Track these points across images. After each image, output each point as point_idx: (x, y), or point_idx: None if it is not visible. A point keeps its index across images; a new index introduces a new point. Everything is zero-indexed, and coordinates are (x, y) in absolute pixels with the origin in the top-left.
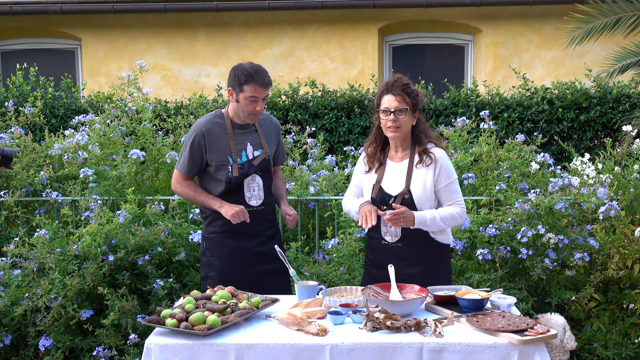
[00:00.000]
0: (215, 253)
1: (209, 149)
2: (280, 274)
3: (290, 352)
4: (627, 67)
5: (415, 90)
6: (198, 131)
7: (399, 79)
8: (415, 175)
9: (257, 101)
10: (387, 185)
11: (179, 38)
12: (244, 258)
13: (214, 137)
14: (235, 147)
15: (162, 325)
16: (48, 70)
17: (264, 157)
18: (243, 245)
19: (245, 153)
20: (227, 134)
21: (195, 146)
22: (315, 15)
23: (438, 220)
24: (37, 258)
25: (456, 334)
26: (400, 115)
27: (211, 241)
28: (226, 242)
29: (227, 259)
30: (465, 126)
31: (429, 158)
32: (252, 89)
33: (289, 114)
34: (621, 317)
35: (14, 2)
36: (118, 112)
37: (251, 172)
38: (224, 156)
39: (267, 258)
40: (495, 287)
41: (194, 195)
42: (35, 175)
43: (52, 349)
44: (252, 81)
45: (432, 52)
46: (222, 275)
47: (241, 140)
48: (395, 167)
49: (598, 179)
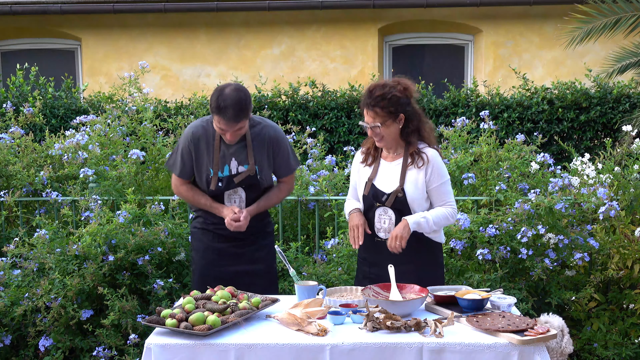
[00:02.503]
0: (194, 247)
1: (195, 155)
2: (262, 276)
3: (290, 352)
4: (627, 67)
5: (394, 95)
6: (189, 136)
7: (373, 89)
8: (408, 174)
9: (225, 133)
10: (380, 182)
11: (179, 38)
12: (218, 257)
13: (200, 144)
14: (218, 160)
15: (162, 326)
16: (48, 71)
17: (249, 174)
18: (219, 245)
19: (228, 167)
20: (213, 144)
21: (186, 152)
22: (315, 15)
23: (431, 223)
24: (37, 258)
25: (456, 334)
26: (376, 130)
27: (193, 235)
28: (203, 238)
29: (203, 254)
30: (465, 126)
31: (421, 159)
32: (218, 120)
33: (289, 114)
34: (621, 317)
35: (14, 2)
36: (119, 112)
37: (230, 188)
38: (207, 166)
39: (247, 259)
40: (495, 287)
41: (192, 197)
42: (35, 175)
43: (52, 349)
44: (218, 114)
45: (432, 52)
46: (198, 269)
47: (227, 152)
48: (388, 166)
49: (598, 179)
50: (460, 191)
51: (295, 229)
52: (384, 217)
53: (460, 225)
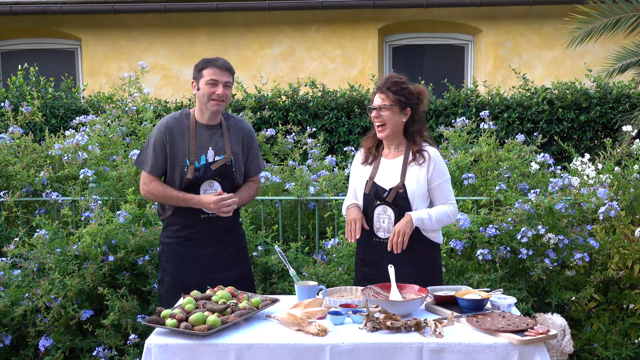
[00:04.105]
0: (170, 258)
1: (169, 146)
2: (242, 281)
3: (290, 352)
4: (627, 67)
5: (408, 87)
6: (162, 128)
7: (390, 77)
8: (409, 171)
9: (217, 84)
10: (381, 180)
11: (179, 38)
12: (197, 265)
13: (175, 135)
14: (194, 149)
15: (162, 326)
16: (48, 71)
17: (225, 162)
18: (198, 252)
19: (205, 157)
20: (188, 134)
21: (159, 144)
22: (315, 15)
23: (434, 220)
24: (37, 258)
25: (456, 334)
26: (383, 112)
27: (166, 246)
28: (179, 249)
29: (180, 265)
30: (465, 126)
31: (422, 157)
32: (211, 72)
33: (289, 114)
34: (621, 317)
35: (14, 2)
36: (119, 112)
37: (207, 177)
38: (182, 157)
39: (227, 264)
40: (495, 287)
41: (164, 192)
42: (35, 176)
43: (52, 349)
44: (210, 65)
45: (432, 52)
46: (176, 281)
47: (203, 143)
48: (389, 163)
49: (598, 179)
50: (460, 191)
51: (295, 229)
52: (383, 216)
53: (460, 225)
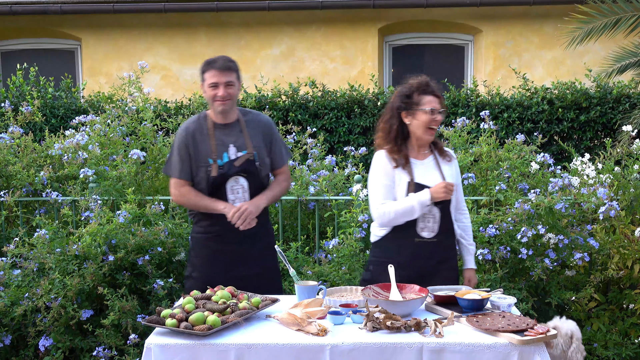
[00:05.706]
0: (199, 254)
1: (193, 149)
2: (269, 277)
3: (290, 352)
4: (627, 67)
5: None
6: (183, 133)
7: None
8: (444, 169)
9: (218, 87)
10: (422, 180)
11: (178, 38)
12: (226, 261)
13: (196, 137)
14: (215, 148)
15: (162, 326)
16: (48, 71)
17: (248, 157)
18: (226, 248)
19: (227, 154)
20: (208, 134)
21: (182, 148)
22: (315, 15)
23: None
24: (37, 258)
25: (456, 334)
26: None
27: (196, 241)
28: (209, 244)
29: (210, 261)
30: (465, 126)
31: (448, 155)
32: (211, 75)
33: (289, 114)
34: (621, 317)
35: (14, 2)
36: (119, 112)
37: (232, 173)
38: (205, 157)
39: (253, 260)
40: (495, 287)
41: (195, 200)
42: (35, 175)
43: (52, 349)
44: (209, 68)
45: (432, 52)
46: (205, 277)
47: (223, 141)
48: (421, 164)
49: (598, 179)
50: None
51: (295, 229)
52: (428, 216)
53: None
